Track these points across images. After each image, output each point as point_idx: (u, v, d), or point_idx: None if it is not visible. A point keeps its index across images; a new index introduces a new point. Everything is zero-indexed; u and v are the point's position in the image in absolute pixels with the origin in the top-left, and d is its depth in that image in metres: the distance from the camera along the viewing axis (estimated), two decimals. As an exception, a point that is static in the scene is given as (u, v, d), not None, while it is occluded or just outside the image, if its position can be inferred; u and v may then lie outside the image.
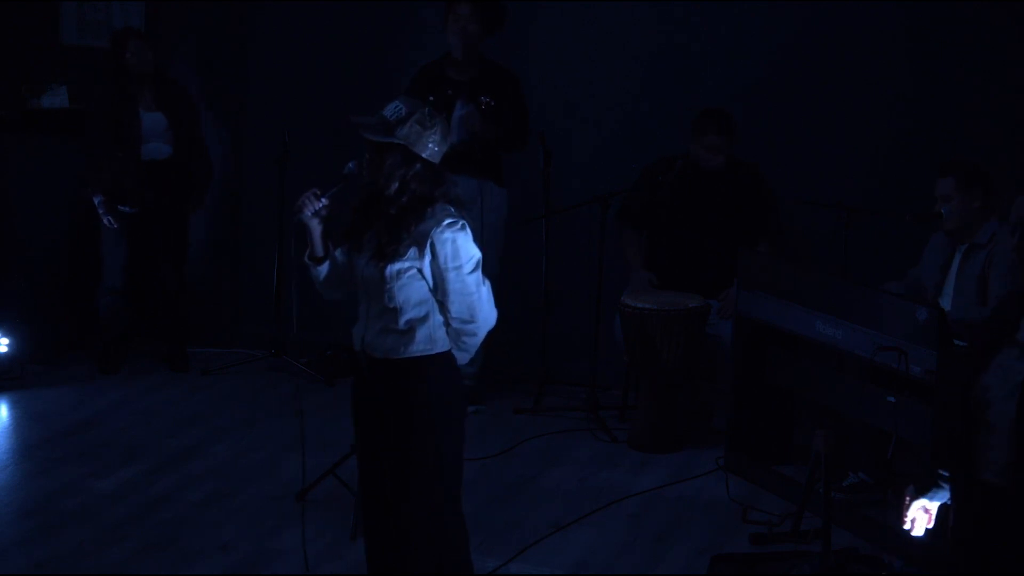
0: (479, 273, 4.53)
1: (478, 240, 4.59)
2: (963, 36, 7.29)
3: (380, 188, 4.46)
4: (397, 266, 4.47)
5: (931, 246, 6.43)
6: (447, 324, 4.54)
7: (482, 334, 4.59)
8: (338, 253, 4.64)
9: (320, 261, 4.61)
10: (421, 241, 4.46)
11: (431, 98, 7.19)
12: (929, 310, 5.61)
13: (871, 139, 7.47)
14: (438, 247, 4.46)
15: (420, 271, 4.48)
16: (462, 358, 4.62)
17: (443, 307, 4.52)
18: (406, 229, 4.46)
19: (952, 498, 5.68)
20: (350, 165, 4.56)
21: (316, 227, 4.55)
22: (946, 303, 6.23)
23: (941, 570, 5.57)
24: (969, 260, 6.22)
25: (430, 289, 4.51)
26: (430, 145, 4.48)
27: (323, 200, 4.53)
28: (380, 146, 4.45)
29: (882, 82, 7.42)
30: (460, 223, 4.49)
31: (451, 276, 4.48)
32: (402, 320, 4.51)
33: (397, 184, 4.45)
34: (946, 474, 5.55)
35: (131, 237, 7.87)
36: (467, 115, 7.20)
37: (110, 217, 7.76)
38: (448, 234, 4.46)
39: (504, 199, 7.45)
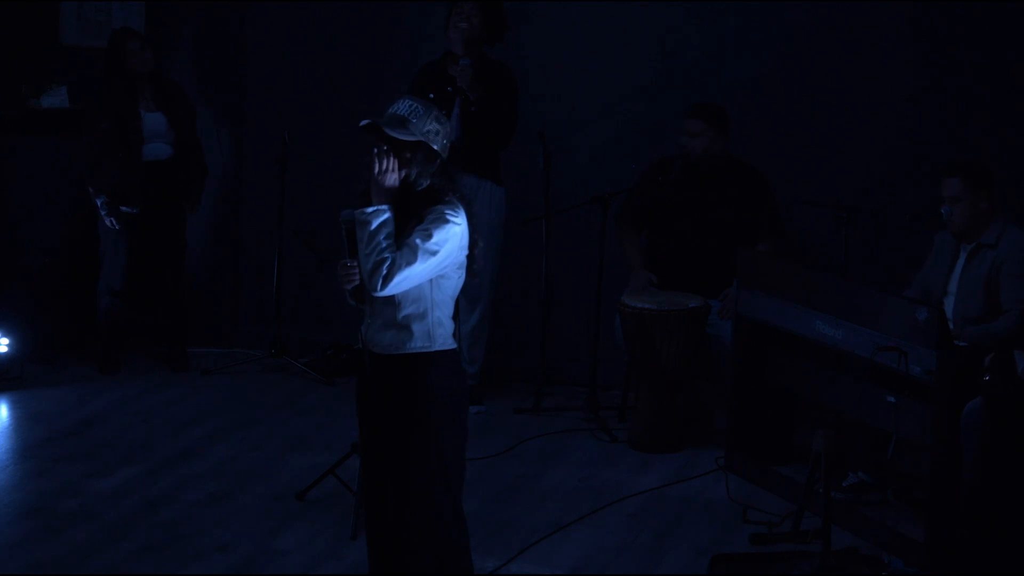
0: (430, 260, 4.46)
1: (476, 233, 4.60)
2: (963, 36, 7.28)
3: (406, 185, 4.50)
4: None
5: (937, 246, 6.41)
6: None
7: (368, 269, 4.44)
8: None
9: (364, 299, 4.66)
10: (420, 223, 4.50)
11: (431, 96, 7.20)
12: (929, 310, 5.61)
13: (871, 139, 7.46)
14: (429, 214, 4.50)
15: None
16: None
17: None
18: (417, 217, 4.50)
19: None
20: (345, 215, 4.58)
21: (358, 279, 4.59)
22: (950, 302, 6.22)
23: (941, 570, 5.59)
24: (974, 260, 6.20)
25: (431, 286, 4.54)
26: (444, 142, 4.54)
27: (355, 269, 4.56)
28: (400, 145, 4.46)
29: (882, 82, 7.42)
30: (462, 221, 4.51)
31: (415, 234, 4.47)
32: (400, 315, 4.54)
33: (428, 181, 4.50)
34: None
35: (131, 237, 7.87)
36: (462, 68, 7.25)
37: (112, 219, 7.76)
38: (441, 211, 4.50)
39: (503, 198, 7.45)
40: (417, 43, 7.85)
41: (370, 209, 4.48)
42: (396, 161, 4.50)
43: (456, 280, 4.62)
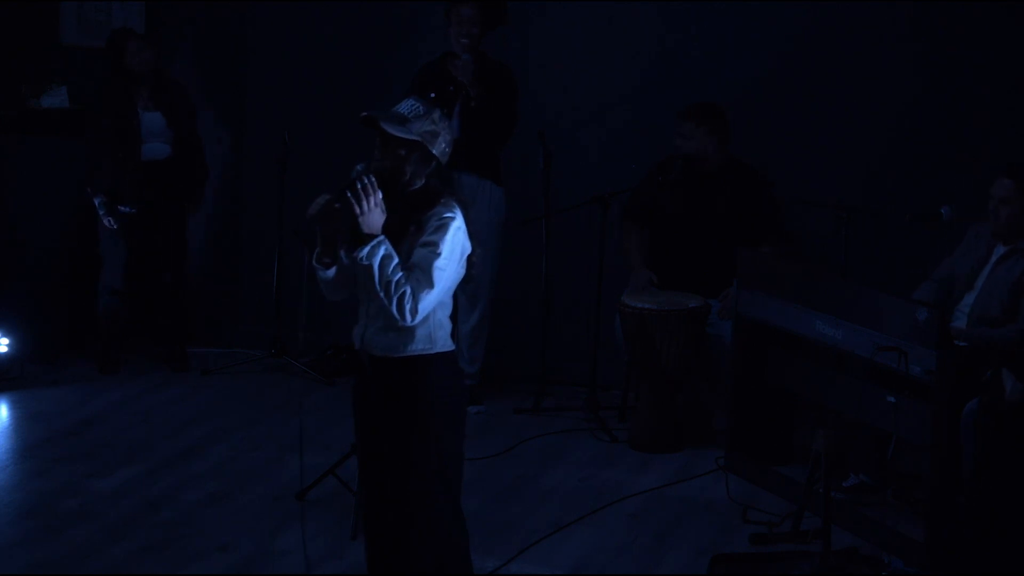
0: (444, 276, 4.47)
1: (474, 239, 4.60)
2: (963, 36, 7.29)
3: (401, 184, 4.49)
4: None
5: (971, 236, 6.36)
6: None
7: (394, 308, 4.41)
8: (343, 255, 4.64)
9: (329, 265, 4.62)
10: (419, 230, 4.49)
11: (432, 95, 7.21)
12: (929, 310, 5.62)
13: (871, 139, 7.47)
14: (427, 224, 4.49)
15: None
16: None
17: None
18: (415, 222, 4.49)
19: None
20: (359, 168, 4.56)
21: (325, 229, 4.55)
22: (971, 298, 6.20)
23: (941, 570, 5.59)
24: (1007, 263, 6.16)
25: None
26: (443, 147, 4.53)
27: (338, 209, 4.49)
28: (397, 142, 4.46)
29: (882, 82, 7.42)
30: (460, 220, 4.51)
31: (421, 251, 4.47)
32: (401, 318, 4.52)
33: (422, 181, 4.50)
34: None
35: (130, 237, 7.87)
36: (464, 63, 7.27)
37: (110, 218, 7.77)
38: (442, 219, 4.49)
39: (502, 198, 7.46)
40: (417, 43, 7.85)
41: (366, 250, 4.41)
42: (380, 194, 4.44)
43: (455, 278, 4.61)
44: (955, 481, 5.68)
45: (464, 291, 7.33)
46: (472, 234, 4.58)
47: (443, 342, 4.59)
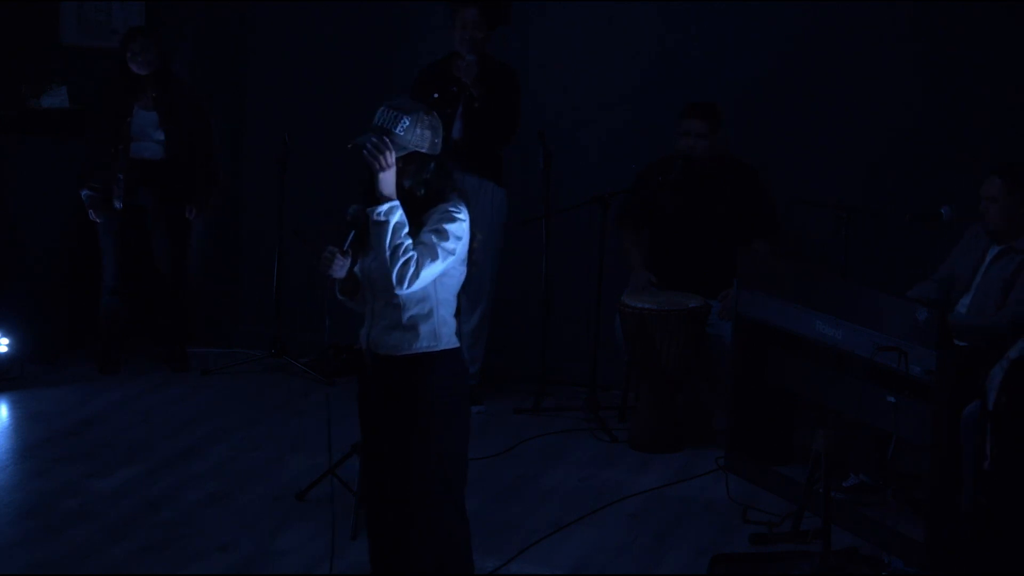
0: (447, 256, 4.49)
1: (475, 227, 4.62)
2: (963, 36, 7.29)
3: (406, 194, 4.51)
4: None
5: (968, 236, 6.36)
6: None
7: (395, 272, 4.43)
8: (357, 269, 4.66)
9: (352, 295, 4.67)
10: (423, 226, 4.51)
11: (435, 95, 7.21)
12: (929, 310, 5.62)
13: (871, 139, 7.47)
14: (430, 219, 4.52)
15: None
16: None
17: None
18: (418, 223, 4.51)
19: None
20: (352, 210, 4.57)
21: (344, 272, 4.59)
22: (968, 298, 6.20)
23: (941, 570, 5.59)
24: (999, 262, 6.17)
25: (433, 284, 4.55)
26: (436, 141, 4.55)
27: (347, 256, 4.55)
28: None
29: (882, 82, 7.43)
30: (464, 214, 4.54)
31: (428, 234, 4.49)
32: (406, 316, 4.54)
33: (424, 190, 4.53)
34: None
35: (122, 235, 7.86)
36: (468, 64, 7.30)
37: (93, 211, 7.77)
38: (446, 209, 4.52)
39: (504, 199, 7.46)
40: (417, 43, 7.85)
41: (384, 207, 4.46)
42: (394, 154, 4.46)
43: (458, 277, 4.63)
44: (955, 481, 5.68)
45: (465, 291, 7.35)
46: (473, 222, 4.60)
47: (448, 339, 4.60)
